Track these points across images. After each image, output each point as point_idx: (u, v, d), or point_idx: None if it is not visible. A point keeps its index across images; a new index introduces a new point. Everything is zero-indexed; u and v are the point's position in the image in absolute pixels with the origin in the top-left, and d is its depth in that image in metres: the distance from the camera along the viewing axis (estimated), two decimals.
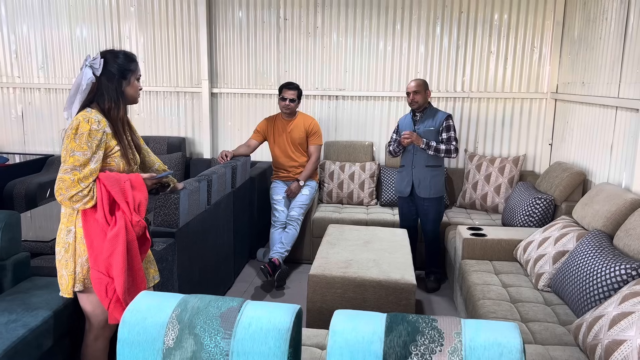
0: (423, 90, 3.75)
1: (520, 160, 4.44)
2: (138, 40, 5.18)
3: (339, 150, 4.85)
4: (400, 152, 3.92)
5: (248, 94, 5.13)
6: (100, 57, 2.16)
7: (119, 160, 2.18)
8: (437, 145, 3.70)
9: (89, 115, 2.08)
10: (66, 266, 2.09)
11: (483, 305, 2.63)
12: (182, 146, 5.09)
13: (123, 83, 2.21)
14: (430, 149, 3.70)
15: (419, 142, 3.68)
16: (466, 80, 4.80)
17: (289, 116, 4.24)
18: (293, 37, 4.96)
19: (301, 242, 4.31)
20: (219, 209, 3.48)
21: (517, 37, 4.66)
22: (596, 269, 2.37)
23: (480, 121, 4.84)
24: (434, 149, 3.70)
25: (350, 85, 4.96)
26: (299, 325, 1.36)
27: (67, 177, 2.01)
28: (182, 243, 2.84)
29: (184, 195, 2.79)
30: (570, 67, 4.28)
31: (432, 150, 3.70)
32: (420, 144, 3.69)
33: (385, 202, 4.61)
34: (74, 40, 5.26)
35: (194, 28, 5.06)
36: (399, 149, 3.89)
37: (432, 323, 1.30)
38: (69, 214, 2.11)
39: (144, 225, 2.15)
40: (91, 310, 2.16)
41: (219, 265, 3.55)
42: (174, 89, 5.21)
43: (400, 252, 3.17)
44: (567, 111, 4.31)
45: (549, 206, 3.63)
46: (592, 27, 3.83)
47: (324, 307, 2.77)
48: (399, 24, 4.79)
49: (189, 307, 1.37)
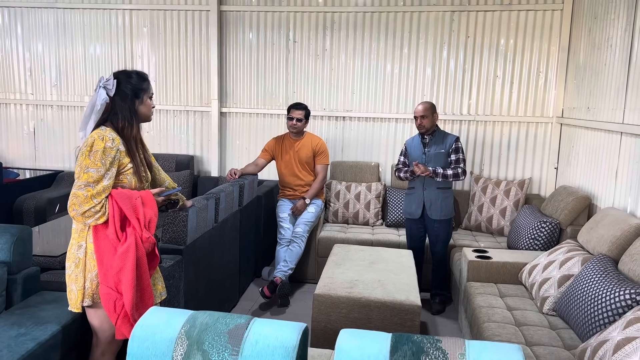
0: (431, 114, 3.79)
1: (526, 184, 4.46)
2: (150, 60, 5.29)
3: (345, 170, 4.90)
4: (413, 179, 3.90)
5: (257, 113, 5.21)
6: (114, 78, 2.23)
7: (131, 177, 2.23)
8: (445, 172, 3.73)
9: (103, 134, 2.14)
10: (76, 281, 2.12)
11: (488, 328, 2.63)
12: (190, 164, 5.15)
13: (136, 102, 2.27)
14: (438, 176, 3.73)
15: (427, 173, 3.71)
16: (472, 104, 4.85)
17: (296, 135, 4.30)
18: (302, 59, 5.05)
19: (306, 261, 4.33)
20: (226, 227, 3.52)
21: (522, 62, 4.73)
22: (601, 293, 2.37)
23: (486, 144, 4.88)
24: (441, 176, 3.73)
25: (357, 107, 5.03)
26: (305, 343, 1.38)
27: (80, 193, 2.06)
28: (189, 260, 2.87)
29: (192, 212, 2.83)
30: (575, 92, 4.33)
31: (439, 177, 3.73)
32: (429, 174, 3.72)
33: (391, 223, 4.63)
34: (87, 59, 5.38)
35: (205, 48, 5.17)
36: (412, 177, 3.87)
37: (437, 344, 1.32)
38: (80, 230, 2.15)
39: (153, 241, 2.19)
40: (99, 326, 2.18)
41: (224, 283, 3.57)
42: (184, 107, 5.30)
43: (406, 273, 3.18)
44: (572, 135, 4.34)
45: (554, 230, 3.64)
46: (597, 54, 3.88)
47: (328, 327, 2.78)
48: (406, 47, 4.87)
49: (198, 323, 1.40)
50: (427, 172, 3.70)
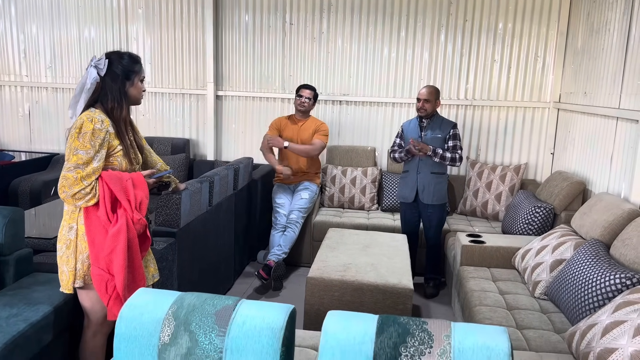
0: (434, 100, 3.77)
1: (522, 169, 4.46)
2: (145, 42, 5.24)
3: (341, 154, 4.89)
4: (408, 159, 3.90)
5: (253, 97, 5.17)
6: (105, 58, 2.21)
7: (121, 159, 2.22)
8: (444, 153, 3.72)
9: (92, 115, 2.12)
10: (67, 262, 2.12)
11: (479, 312, 2.64)
12: (186, 148, 5.14)
13: (127, 84, 2.24)
14: (437, 157, 3.71)
15: (426, 150, 3.69)
16: (469, 88, 4.82)
17: (302, 115, 4.28)
18: (298, 42, 5.00)
19: (301, 245, 4.34)
20: (221, 210, 3.52)
21: (520, 46, 4.69)
22: (592, 278, 2.38)
23: (482, 129, 4.86)
24: (440, 157, 3.71)
25: (354, 91, 5.00)
26: (292, 324, 1.39)
27: (70, 175, 2.05)
28: (183, 243, 2.87)
29: (185, 195, 2.83)
30: (573, 77, 4.30)
31: (438, 158, 3.71)
32: (428, 152, 3.70)
33: (387, 208, 4.64)
34: (82, 41, 5.33)
35: (201, 31, 5.12)
36: (407, 157, 3.86)
37: (423, 325, 1.33)
38: (71, 211, 2.15)
39: (144, 223, 2.19)
40: (90, 307, 2.19)
41: (219, 266, 3.58)
42: (180, 90, 5.26)
43: (399, 257, 3.19)
44: (569, 121, 4.33)
45: (548, 215, 3.64)
46: (595, 38, 3.85)
47: (321, 310, 2.79)
48: (404, 30, 4.83)
49: (185, 304, 1.40)
50: (426, 150, 3.67)
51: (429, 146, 3.69)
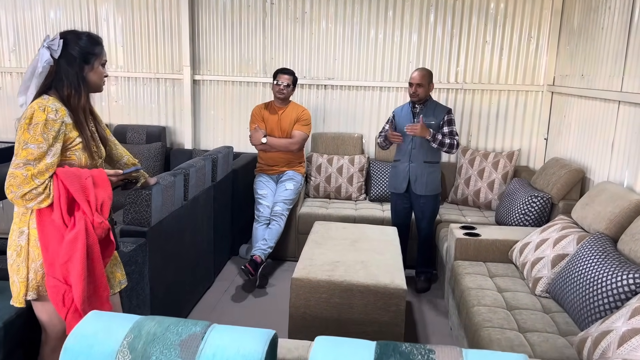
0: (427, 83, 3.53)
1: (515, 155, 4.27)
2: (116, 23, 4.91)
3: (327, 142, 4.65)
4: (387, 146, 3.73)
5: (232, 81, 4.89)
6: (60, 38, 1.94)
7: (81, 153, 1.95)
8: (443, 139, 3.49)
9: (45, 103, 1.85)
10: (18, 272, 1.87)
11: (478, 313, 2.45)
12: (162, 136, 4.85)
13: (85, 68, 1.98)
14: (436, 142, 3.48)
15: (425, 133, 3.44)
16: (460, 71, 4.60)
17: (281, 102, 4.02)
18: (280, 23, 4.71)
19: (286, 239, 4.11)
20: (198, 205, 3.27)
21: (513, 27, 4.47)
22: (600, 276, 2.20)
23: (474, 114, 4.65)
24: (439, 143, 3.48)
25: (340, 75, 4.74)
26: (273, 354, 1.17)
27: (19, 172, 1.79)
28: (155, 242, 2.62)
29: (156, 191, 2.57)
30: (568, 58, 4.10)
31: (436, 144, 3.48)
32: (427, 136, 3.46)
33: (375, 197, 4.42)
34: (47, 23, 4.97)
35: (176, 11, 4.80)
36: (385, 143, 3.70)
37: (429, 355, 1.11)
38: (22, 214, 1.89)
39: (107, 226, 1.94)
40: (48, 320, 1.94)
41: (197, 264, 3.34)
42: (154, 75, 4.95)
43: (390, 253, 2.98)
44: (564, 104, 4.14)
45: (545, 205, 3.46)
46: (593, 17, 3.64)
47: (307, 314, 2.58)
48: (391, 11, 4.57)
49: (144, 332, 1.16)
50: (425, 134, 3.42)
51: (428, 129, 3.46)
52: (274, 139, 3.98)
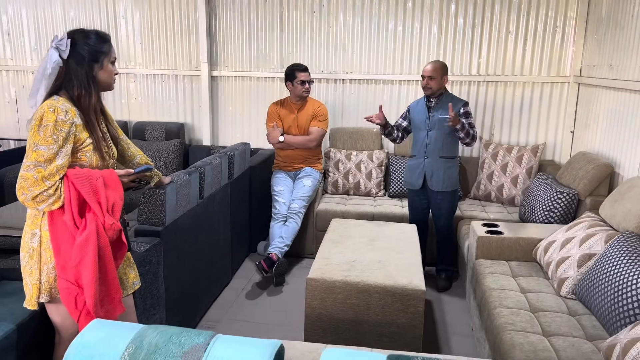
0: (440, 76, 3.43)
1: (540, 149, 4.13)
2: (134, 20, 4.91)
3: (345, 137, 4.57)
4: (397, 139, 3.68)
5: (250, 77, 4.85)
6: (68, 38, 1.91)
7: (91, 154, 1.93)
8: (469, 130, 3.37)
9: (55, 104, 1.84)
10: (30, 274, 1.86)
11: (500, 315, 2.36)
12: (180, 132, 4.84)
13: (95, 67, 1.95)
14: (462, 131, 3.34)
15: (457, 123, 3.27)
16: (482, 63, 4.47)
17: (299, 100, 3.97)
18: (297, 17, 4.65)
19: (303, 236, 4.07)
20: (214, 203, 3.24)
21: (538, 16, 4.31)
22: (630, 278, 2.09)
23: (497, 107, 4.52)
24: (465, 132, 3.35)
25: (358, 68, 4.65)
26: None
27: (30, 174, 1.77)
28: (170, 242, 2.60)
29: (171, 190, 2.55)
30: (596, 48, 3.93)
31: (463, 133, 3.35)
32: (458, 125, 3.30)
33: (394, 194, 4.34)
34: (67, 21, 5.00)
35: (193, 7, 4.77)
36: (382, 132, 3.61)
37: None
38: (34, 215, 1.88)
39: (118, 228, 1.91)
40: (61, 322, 1.93)
41: (214, 263, 3.32)
42: (172, 72, 4.94)
43: (409, 252, 2.91)
44: (591, 96, 3.98)
45: (572, 201, 3.33)
46: (622, 4, 3.48)
47: (323, 314, 2.53)
48: (411, 2, 4.45)
49: (145, 343, 1.13)
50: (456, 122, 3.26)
51: (459, 119, 3.32)
52: (291, 137, 3.94)
